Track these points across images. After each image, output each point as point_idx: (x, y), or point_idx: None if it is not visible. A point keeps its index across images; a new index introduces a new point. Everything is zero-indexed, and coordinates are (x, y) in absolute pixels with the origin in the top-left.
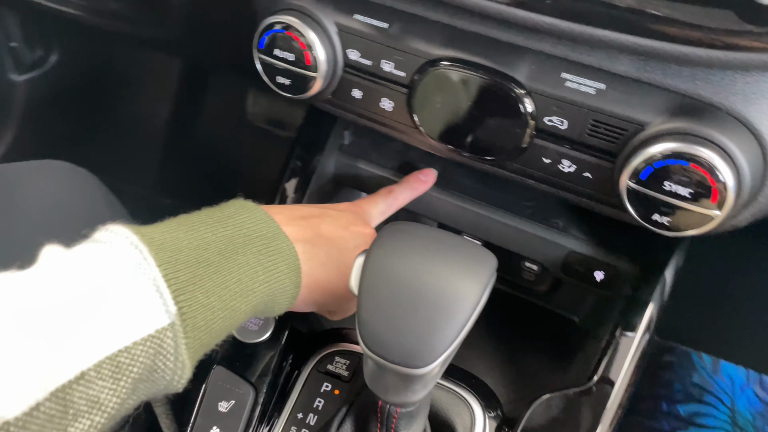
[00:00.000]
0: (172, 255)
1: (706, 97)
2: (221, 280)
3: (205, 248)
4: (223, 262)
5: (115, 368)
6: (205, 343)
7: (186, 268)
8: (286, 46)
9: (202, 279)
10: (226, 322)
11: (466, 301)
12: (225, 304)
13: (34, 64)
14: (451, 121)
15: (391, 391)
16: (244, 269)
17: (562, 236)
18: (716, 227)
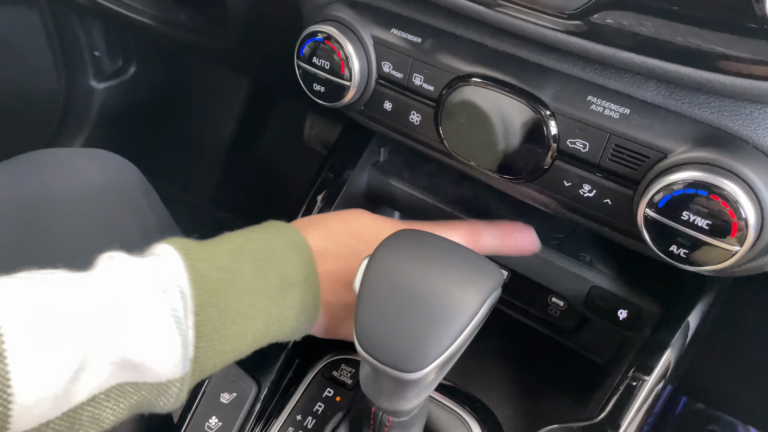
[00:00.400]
0: (208, 297)
1: (733, 129)
2: (241, 330)
3: (241, 293)
4: (250, 311)
5: (121, 394)
6: (203, 377)
7: (217, 314)
8: (324, 55)
9: (225, 326)
10: (229, 361)
11: (464, 310)
12: (237, 352)
13: (113, 74)
14: (474, 137)
15: (384, 396)
16: (264, 319)
17: (587, 270)
18: (739, 266)
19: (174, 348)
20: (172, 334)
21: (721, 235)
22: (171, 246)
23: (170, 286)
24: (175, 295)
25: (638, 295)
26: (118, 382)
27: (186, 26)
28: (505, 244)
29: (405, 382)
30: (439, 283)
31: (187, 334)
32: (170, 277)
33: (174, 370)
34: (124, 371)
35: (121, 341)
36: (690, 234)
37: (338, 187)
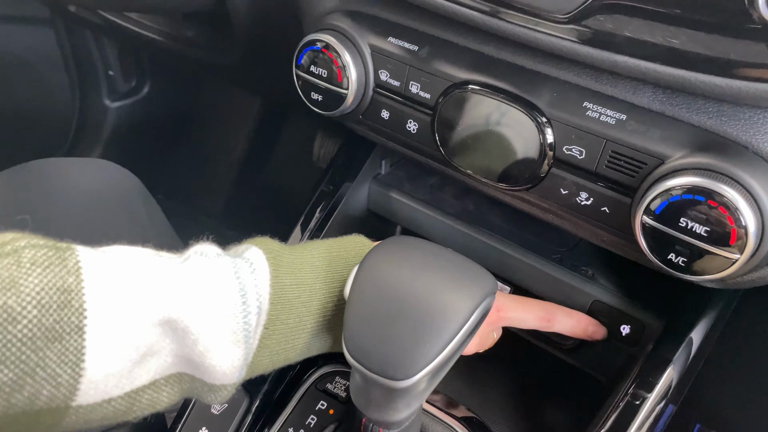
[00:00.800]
0: (282, 314)
1: (731, 134)
2: (297, 344)
3: (311, 313)
4: (312, 327)
5: (178, 381)
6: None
7: (284, 329)
8: (322, 64)
9: (287, 339)
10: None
11: (454, 317)
12: (286, 361)
13: (127, 93)
14: (471, 144)
15: (373, 406)
16: (320, 332)
17: (589, 284)
18: (740, 275)
19: (236, 358)
20: (238, 346)
21: (721, 242)
22: (261, 251)
23: (251, 299)
24: (252, 308)
25: (641, 310)
26: (178, 371)
27: (194, 42)
28: (576, 330)
29: (394, 391)
30: (430, 289)
31: (252, 345)
32: (253, 289)
33: (230, 377)
34: (186, 365)
35: (191, 340)
36: (688, 241)
37: (337, 200)
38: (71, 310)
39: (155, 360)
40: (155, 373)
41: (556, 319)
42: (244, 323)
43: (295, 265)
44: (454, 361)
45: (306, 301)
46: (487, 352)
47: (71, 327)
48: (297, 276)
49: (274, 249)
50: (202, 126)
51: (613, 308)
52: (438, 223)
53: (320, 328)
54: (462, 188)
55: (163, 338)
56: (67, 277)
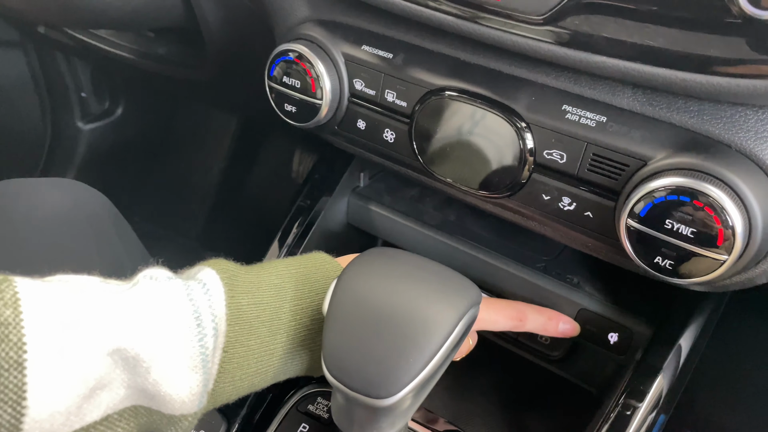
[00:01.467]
0: (241, 336)
1: (714, 133)
2: (263, 369)
3: (275, 333)
4: (279, 349)
5: (134, 414)
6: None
7: (245, 352)
8: (295, 75)
9: (250, 364)
10: (242, 395)
11: (438, 329)
12: (253, 388)
13: (100, 115)
14: (449, 152)
15: (356, 426)
16: (290, 356)
17: (574, 292)
18: (728, 277)
19: (194, 386)
20: (195, 372)
21: (708, 243)
22: (216, 272)
23: (206, 321)
24: (208, 330)
25: (628, 318)
26: (132, 404)
27: (166, 59)
28: (548, 326)
29: (378, 410)
30: (411, 302)
31: (212, 370)
32: (208, 311)
33: (189, 406)
34: (141, 396)
35: (143, 369)
36: (675, 244)
37: (315, 214)
38: (9, 344)
39: (107, 393)
40: (107, 408)
41: (527, 318)
42: (200, 346)
43: (253, 283)
44: (439, 375)
45: (267, 321)
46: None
47: (10, 363)
48: (255, 295)
49: (229, 269)
50: (178, 147)
51: (601, 316)
52: (419, 235)
53: (288, 351)
54: (443, 199)
55: (114, 369)
56: (4, 309)
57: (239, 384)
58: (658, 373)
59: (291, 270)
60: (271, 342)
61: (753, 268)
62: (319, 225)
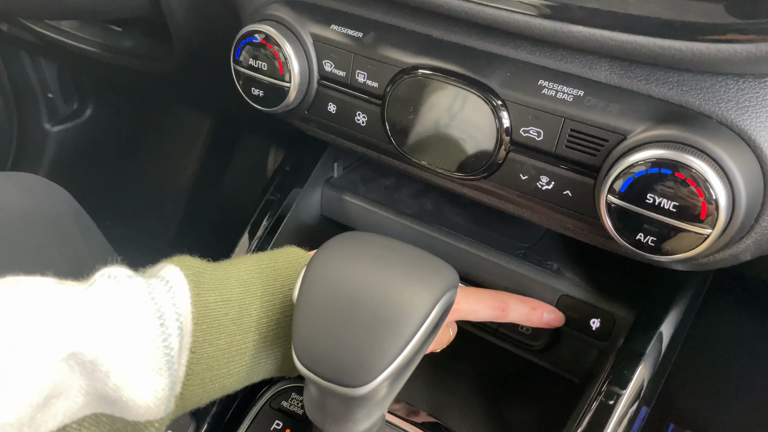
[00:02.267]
0: (209, 335)
1: (694, 104)
2: (235, 369)
3: (246, 331)
4: (250, 349)
5: (94, 423)
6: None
7: (215, 352)
8: (261, 57)
9: (220, 365)
10: (214, 398)
11: (413, 314)
12: (225, 390)
13: (69, 116)
14: (423, 134)
15: (330, 419)
16: (262, 356)
17: (555, 279)
18: (711, 253)
19: (159, 389)
20: (160, 375)
21: (691, 218)
22: (180, 269)
23: (169, 320)
24: (172, 330)
25: (610, 303)
26: (93, 411)
27: (132, 52)
28: (531, 317)
29: (352, 400)
30: (385, 285)
31: (178, 373)
32: (171, 309)
33: (155, 411)
34: (101, 403)
35: (101, 374)
36: (657, 219)
37: (287, 206)
38: None
39: (63, 402)
40: (65, 417)
41: (510, 308)
42: (165, 347)
43: (220, 280)
44: (416, 363)
45: (236, 319)
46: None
47: None
48: (222, 292)
49: (194, 266)
50: (150, 148)
51: (582, 302)
52: (396, 225)
53: (261, 350)
54: (419, 188)
55: (70, 376)
56: None
57: (210, 386)
58: (641, 358)
59: (261, 265)
60: (241, 341)
61: (737, 243)
62: (291, 218)
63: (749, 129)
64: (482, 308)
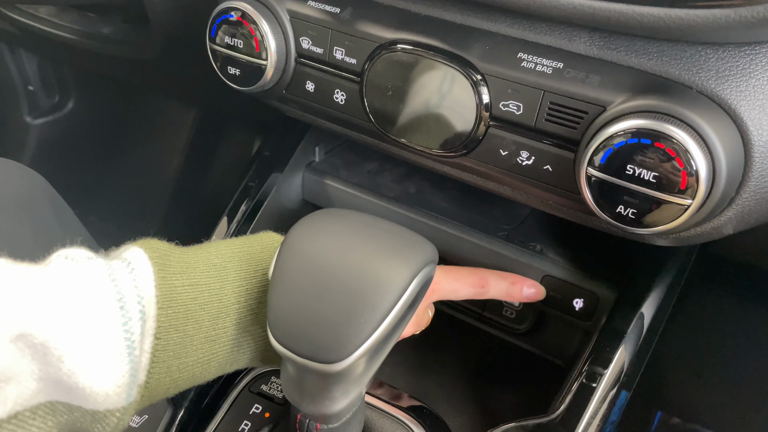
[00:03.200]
0: (176, 320)
1: (674, 74)
2: (206, 358)
3: (216, 317)
4: (222, 336)
5: (50, 412)
6: (152, 403)
7: (182, 338)
8: (237, 35)
9: (188, 353)
10: (184, 389)
11: (390, 288)
12: (196, 380)
13: (50, 109)
14: (403, 111)
15: (307, 397)
16: (236, 344)
17: (538, 259)
18: (693, 225)
19: (119, 376)
20: (119, 360)
21: (671, 188)
22: (144, 251)
23: (130, 303)
24: (133, 314)
25: (593, 282)
26: (48, 399)
27: (111, 39)
28: (512, 292)
29: (329, 377)
30: (361, 260)
31: (140, 359)
32: (133, 292)
33: (115, 400)
34: (57, 390)
35: (54, 358)
36: (637, 190)
37: (266, 191)
38: None
39: (13, 387)
40: (16, 404)
41: (490, 284)
42: (125, 331)
43: (189, 264)
44: (395, 339)
45: (206, 304)
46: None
47: None
48: (191, 276)
49: (160, 248)
50: (133, 141)
51: (565, 282)
52: (379, 208)
53: (235, 338)
54: (402, 172)
55: (20, 359)
56: None
57: (177, 375)
58: (622, 337)
59: (233, 249)
60: (212, 327)
61: (718, 215)
62: (271, 203)
63: (729, 98)
64: (462, 286)
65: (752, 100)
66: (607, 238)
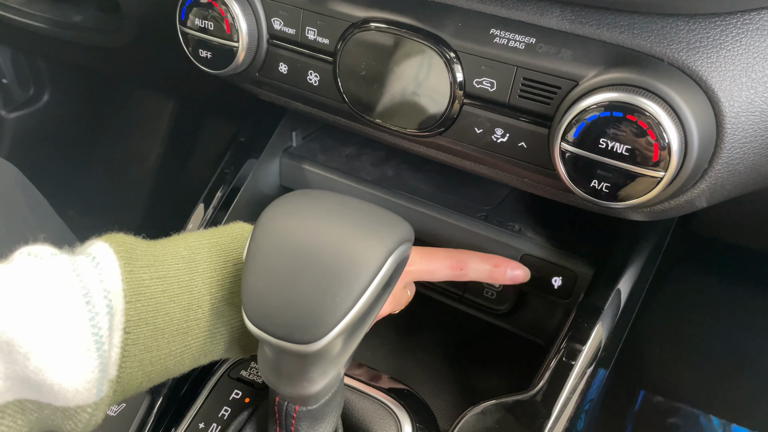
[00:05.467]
0: (145, 313)
1: (645, 47)
2: (178, 350)
3: (188, 309)
4: (194, 328)
5: (20, 410)
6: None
7: (152, 332)
8: (208, 17)
9: (160, 346)
10: (158, 382)
11: (366, 266)
12: (169, 373)
13: (25, 103)
14: (377, 91)
15: (284, 379)
16: (209, 336)
17: (516, 238)
18: (666, 198)
19: (88, 371)
20: (87, 356)
21: (643, 161)
22: (109, 245)
23: (96, 298)
24: (100, 308)
25: (571, 260)
26: (16, 397)
27: (82, 27)
28: (495, 274)
29: (305, 357)
30: (335, 238)
31: (110, 354)
32: (98, 286)
33: (85, 396)
34: (25, 388)
35: (20, 356)
36: (611, 164)
37: (242, 177)
38: None
39: None
40: None
41: (469, 266)
42: (92, 326)
43: (156, 256)
44: (371, 319)
45: (176, 296)
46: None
47: None
48: (159, 269)
49: (126, 242)
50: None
51: (543, 260)
52: (357, 192)
53: (207, 329)
54: (380, 156)
55: None
56: None
57: (150, 369)
58: (599, 313)
59: (203, 241)
60: (184, 319)
61: (691, 188)
62: (248, 189)
63: (700, 70)
64: (438, 268)
65: (723, 71)
66: (585, 216)
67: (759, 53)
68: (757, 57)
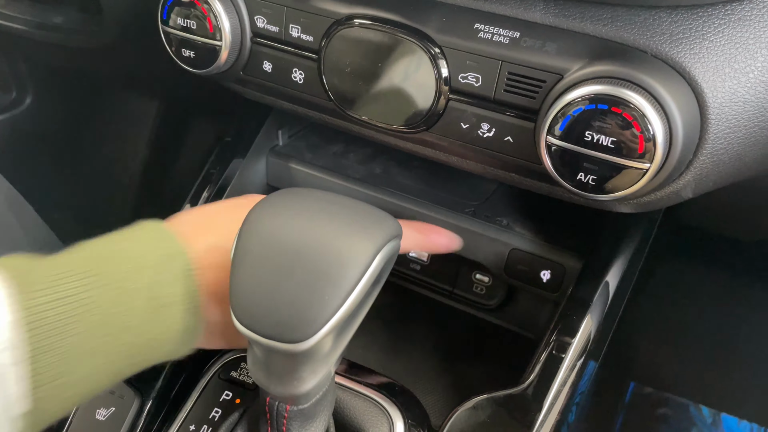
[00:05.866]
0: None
1: (628, 39)
2: (95, 371)
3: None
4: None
5: None
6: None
7: (60, 358)
8: (190, 16)
9: (73, 370)
10: (81, 402)
11: (355, 263)
12: (91, 392)
13: (7, 107)
14: (362, 87)
15: (275, 379)
16: (128, 351)
17: (504, 233)
18: (653, 190)
19: None
20: None
21: (629, 153)
22: (1, 271)
23: None
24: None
25: (559, 254)
26: None
27: (63, 28)
28: (424, 243)
29: (295, 356)
30: (323, 236)
31: (11, 391)
32: None
33: None
34: None
35: None
36: (596, 156)
37: (228, 178)
38: None
39: None
40: None
41: (428, 230)
42: None
43: (55, 276)
44: (361, 317)
45: (83, 316)
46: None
47: None
48: (58, 289)
49: (19, 265)
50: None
51: (532, 254)
52: (345, 190)
53: (123, 342)
54: (367, 153)
55: None
56: None
57: (66, 394)
58: (588, 305)
59: (103, 250)
60: (95, 341)
61: (677, 179)
62: (235, 188)
63: (684, 61)
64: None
65: (706, 62)
66: (573, 209)
67: (741, 43)
68: (740, 47)
